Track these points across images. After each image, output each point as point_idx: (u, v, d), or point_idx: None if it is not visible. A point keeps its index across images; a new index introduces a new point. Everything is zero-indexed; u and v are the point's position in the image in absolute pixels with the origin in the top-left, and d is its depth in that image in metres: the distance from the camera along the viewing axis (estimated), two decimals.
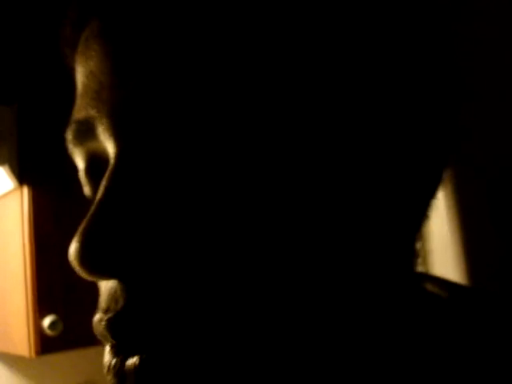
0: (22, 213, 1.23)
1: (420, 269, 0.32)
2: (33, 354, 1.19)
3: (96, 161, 0.29)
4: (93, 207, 0.25)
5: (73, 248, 0.24)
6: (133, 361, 0.24)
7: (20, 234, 1.22)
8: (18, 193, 1.25)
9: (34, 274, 1.19)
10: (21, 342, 1.21)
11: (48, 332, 1.18)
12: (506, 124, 1.00)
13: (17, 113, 1.19)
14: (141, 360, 0.24)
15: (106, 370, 0.25)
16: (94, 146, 0.28)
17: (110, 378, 0.25)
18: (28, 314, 1.19)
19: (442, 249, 1.06)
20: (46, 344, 1.19)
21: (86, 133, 0.28)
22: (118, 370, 0.24)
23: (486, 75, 0.94)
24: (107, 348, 0.25)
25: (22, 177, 1.22)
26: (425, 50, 0.28)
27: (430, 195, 0.29)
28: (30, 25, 1.07)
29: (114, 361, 0.25)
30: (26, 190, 1.23)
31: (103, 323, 0.24)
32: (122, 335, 0.24)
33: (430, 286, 0.35)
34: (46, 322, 1.18)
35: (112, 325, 0.24)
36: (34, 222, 1.21)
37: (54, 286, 1.18)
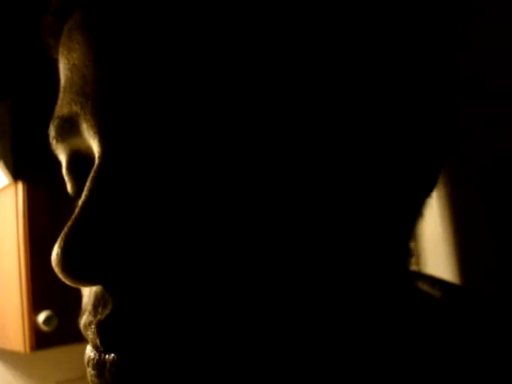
0: (16, 208, 1.23)
1: (413, 268, 0.32)
2: (28, 350, 1.19)
3: (80, 158, 0.27)
4: (76, 210, 0.24)
5: (54, 254, 0.23)
6: (113, 354, 0.23)
7: (15, 229, 1.22)
8: (12, 188, 1.25)
9: (28, 269, 1.19)
10: (16, 337, 1.21)
11: (43, 327, 1.18)
12: (500, 123, 1.00)
13: (10, 108, 1.19)
14: (121, 353, 0.23)
15: (86, 362, 0.25)
16: (78, 143, 0.27)
17: (89, 369, 0.24)
18: (23, 310, 1.19)
19: (434, 249, 1.07)
20: (40, 339, 1.19)
21: (70, 129, 0.27)
22: (98, 362, 0.24)
23: (483, 75, 0.94)
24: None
25: (16, 172, 1.22)
26: (423, 50, 0.27)
27: (426, 194, 0.29)
28: (23, 20, 1.07)
29: (93, 353, 0.24)
30: (20, 185, 1.23)
31: (93, 327, 0.24)
32: (112, 341, 0.23)
33: (422, 285, 0.35)
34: (41, 317, 1.18)
35: (102, 329, 0.23)
36: (28, 218, 1.21)
37: (48, 282, 1.18)
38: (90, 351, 0.25)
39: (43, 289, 1.19)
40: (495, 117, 0.98)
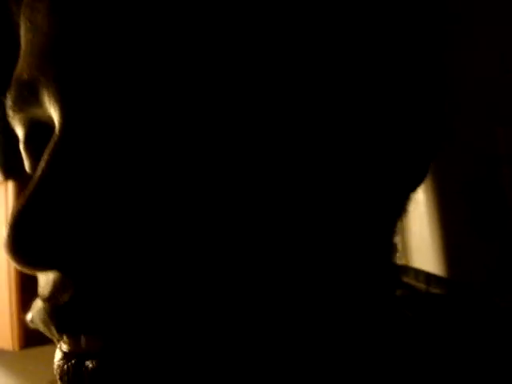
0: (6, 207, 1.23)
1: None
2: (16, 348, 1.19)
3: (39, 130, 0.25)
4: (30, 185, 0.21)
5: (4, 234, 0.21)
6: (90, 365, 0.21)
7: (5, 228, 1.23)
8: (2, 187, 1.25)
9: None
10: (4, 335, 1.21)
11: (32, 325, 1.18)
12: (485, 123, 1.01)
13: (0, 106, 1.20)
14: (97, 364, 0.21)
15: (57, 374, 0.22)
16: (39, 112, 0.24)
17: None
18: (11, 308, 1.20)
19: (420, 246, 1.07)
20: (29, 337, 1.19)
21: (29, 97, 0.24)
22: (74, 375, 0.21)
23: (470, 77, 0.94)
24: (57, 352, 0.22)
25: (7, 171, 1.22)
26: (415, 50, 0.27)
27: (412, 189, 0.28)
28: None
29: (66, 365, 0.22)
30: (10, 184, 1.23)
31: (47, 311, 0.22)
32: (71, 326, 0.21)
33: (408, 279, 0.34)
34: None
35: (59, 314, 0.21)
36: None
37: (37, 280, 1.18)
38: (60, 361, 0.22)
39: (32, 287, 1.19)
40: (479, 117, 0.99)
